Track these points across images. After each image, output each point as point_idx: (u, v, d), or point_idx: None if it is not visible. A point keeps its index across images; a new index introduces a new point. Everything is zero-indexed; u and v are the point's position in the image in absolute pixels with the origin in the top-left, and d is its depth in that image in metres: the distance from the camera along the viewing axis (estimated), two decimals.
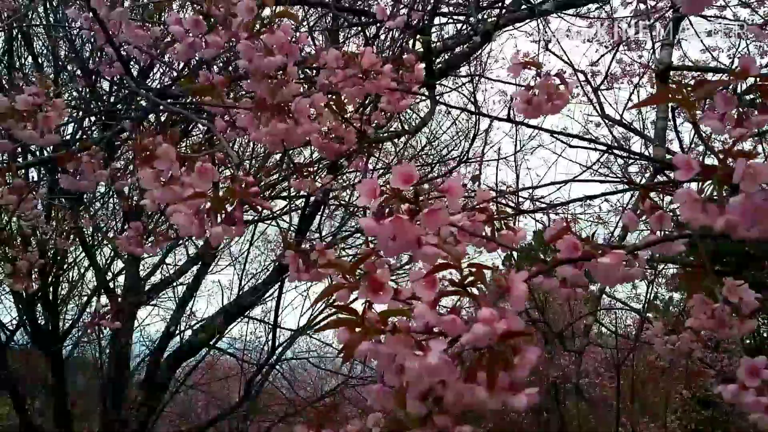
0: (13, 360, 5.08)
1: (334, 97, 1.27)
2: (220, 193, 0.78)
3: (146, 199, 1.02)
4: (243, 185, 0.78)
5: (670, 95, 0.76)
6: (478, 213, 0.95)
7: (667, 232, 0.96)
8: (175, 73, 3.60)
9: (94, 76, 3.76)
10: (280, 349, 5.69)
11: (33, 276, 2.36)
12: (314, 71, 1.37)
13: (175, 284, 5.68)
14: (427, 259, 0.78)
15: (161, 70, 3.91)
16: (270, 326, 6.26)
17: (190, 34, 1.11)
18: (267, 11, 1.14)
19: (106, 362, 5.23)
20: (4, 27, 3.32)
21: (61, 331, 4.93)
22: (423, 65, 1.42)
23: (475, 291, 0.67)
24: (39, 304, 4.59)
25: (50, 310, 4.66)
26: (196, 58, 1.14)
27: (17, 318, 4.91)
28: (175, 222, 0.77)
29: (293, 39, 1.14)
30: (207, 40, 1.13)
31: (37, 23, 4.02)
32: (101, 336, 5.26)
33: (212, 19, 1.11)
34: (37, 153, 3.09)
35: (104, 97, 3.90)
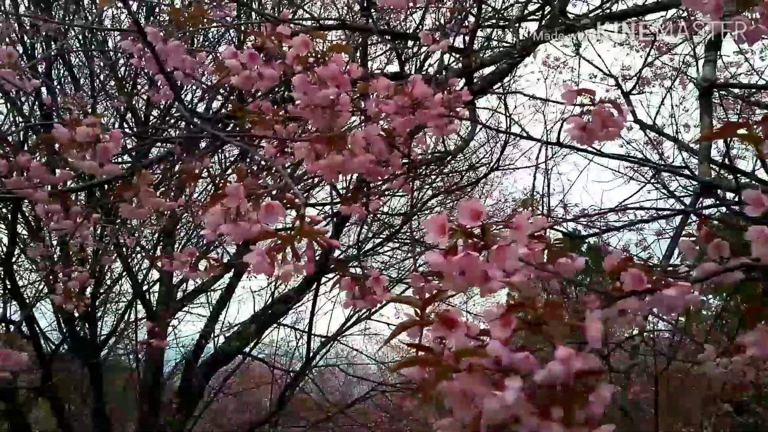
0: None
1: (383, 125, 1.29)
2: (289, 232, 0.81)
3: (206, 228, 1.06)
4: (311, 223, 0.81)
5: (736, 130, 0.77)
6: (535, 241, 0.97)
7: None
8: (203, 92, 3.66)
9: (130, 90, 3.84)
10: (314, 356, 5.73)
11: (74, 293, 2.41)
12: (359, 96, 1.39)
13: (208, 291, 5.76)
14: (491, 293, 0.80)
15: (192, 90, 3.98)
16: (302, 333, 6.32)
17: (246, 67, 1.14)
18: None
19: (141, 369, 5.32)
20: (47, 54, 3.41)
21: (99, 340, 5.03)
22: (464, 85, 1.44)
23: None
24: (77, 314, 4.69)
25: (89, 320, 4.76)
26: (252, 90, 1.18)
27: (55, 324, 5.03)
28: (247, 260, 0.80)
29: (344, 71, 1.17)
30: (262, 73, 1.16)
31: (74, 41, 4.11)
32: (137, 344, 5.35)
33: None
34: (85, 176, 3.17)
35: (140, 114, 3.98)
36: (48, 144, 1.33)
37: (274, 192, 0.90)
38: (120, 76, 4.38)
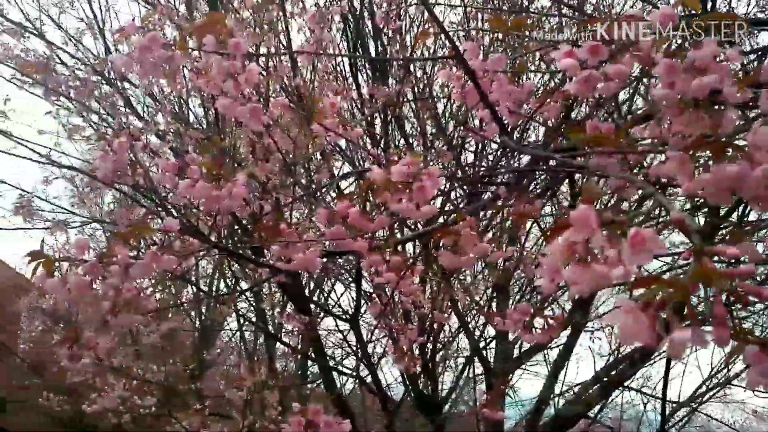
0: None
1: None
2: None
3: (542, 278, 0.81)
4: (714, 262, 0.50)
5: None
6: None
7: None
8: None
9: (459, 149, 3.86)
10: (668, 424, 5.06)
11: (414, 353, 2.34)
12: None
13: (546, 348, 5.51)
14: None
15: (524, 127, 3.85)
16: (652, 398, 5.68)
17: (587, 66, 0.88)
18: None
19: (482, 428, 5.23)
20: (379, 111, 3.61)
21: (441, 396, 5.07)
22: None
23: None
24: (420, 372, 4.79)
25: (429, 375, 4.82)
26: (596, 96, 0.91)
27: (402, 383, 5.22)
28: (610, 321, 0.52)
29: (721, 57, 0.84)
30: (607, 72, 0.88)
31: (405, 103, 4.32)
32: (476, 402, 5.31)
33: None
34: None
35: (467, 168, 3.97)
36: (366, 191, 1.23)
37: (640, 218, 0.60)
38: (449, 134, 4.48)
